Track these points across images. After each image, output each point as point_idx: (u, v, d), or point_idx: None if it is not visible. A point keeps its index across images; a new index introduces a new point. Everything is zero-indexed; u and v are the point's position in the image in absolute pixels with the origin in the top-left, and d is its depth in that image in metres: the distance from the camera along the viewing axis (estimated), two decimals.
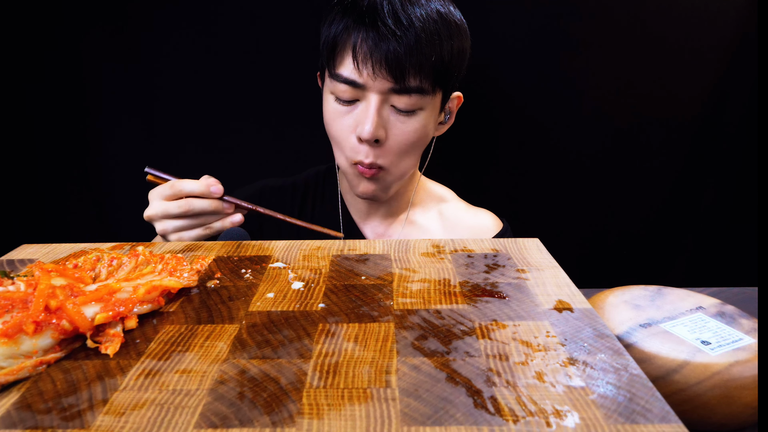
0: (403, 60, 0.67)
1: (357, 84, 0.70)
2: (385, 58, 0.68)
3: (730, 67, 0.96)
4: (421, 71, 0.69)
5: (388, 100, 0.71)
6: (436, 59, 0.70)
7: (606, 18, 0.94)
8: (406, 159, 0.76)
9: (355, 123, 0.73)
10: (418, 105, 0.72)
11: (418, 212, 0.88)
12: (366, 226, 0.88)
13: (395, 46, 0.67)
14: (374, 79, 0.69)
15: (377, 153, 0.73)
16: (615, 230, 1.07)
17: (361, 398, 0.33)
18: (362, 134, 0.71)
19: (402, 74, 0.68)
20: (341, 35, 0.70)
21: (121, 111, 1.01)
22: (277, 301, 0.46)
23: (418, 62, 0.68)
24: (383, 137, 0.72)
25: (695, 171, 1.02)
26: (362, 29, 0.68)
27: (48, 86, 0.98)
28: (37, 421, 0.32)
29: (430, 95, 0.72)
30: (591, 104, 0.99)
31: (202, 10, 0.95)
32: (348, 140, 0.74)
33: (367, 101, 0.71)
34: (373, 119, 0.70)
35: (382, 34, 0.67)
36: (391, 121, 0.72)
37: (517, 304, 0.45)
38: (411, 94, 0.71)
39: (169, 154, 1.03)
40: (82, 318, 0.39)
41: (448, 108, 0.81)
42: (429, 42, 0.68)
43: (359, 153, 0.74)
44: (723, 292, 0.72)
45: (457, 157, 1.04)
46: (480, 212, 0.88)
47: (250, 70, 0.98)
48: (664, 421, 0.31)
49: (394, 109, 0.72)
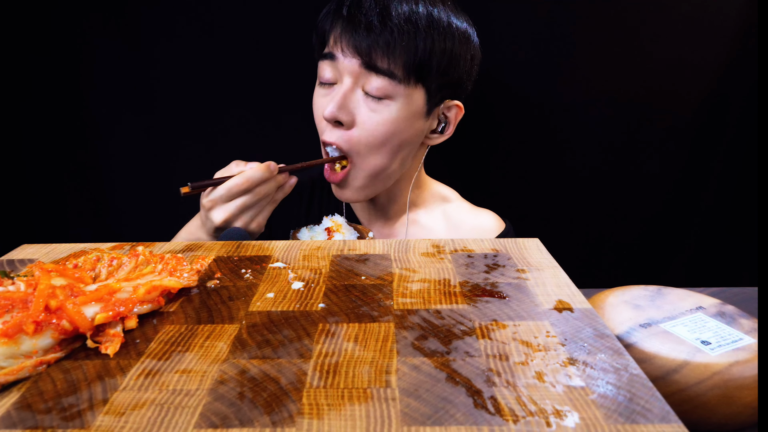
0: (370, 42, 0.70)
1: (332, 56, 0.73)
2: (353, 39, 0.70)
3: (731, 68, 0.96)
4: (389, 53, 0.70)
5: (359, 83, 0.73)
6: (408, 46, 0.70)
7: (608, 21, 0.94)
8: (376, 154, 0.75)
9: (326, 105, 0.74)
10: (387, 91, 0.72)
11: (421, 213, 0.88)
12: (370, 225, 0.89)
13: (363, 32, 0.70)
14: (344, 57, 0.71)
15: (340, 135, 0.74)
16: (615, 230, 1.07)
17: (361, 398, 0.33)
18: (324, 113, 0.73)
19: (368, 52, 0.70)
20: (323, 21, 0.75)
21: (121, 110, 1.01)
22: (277, 301, 0.46)
23: (386, 43, 0.69)
24: (346, 121, 0.73)
25: (695, 171, 1.02)
26: (339, 17, 0.72)
27: (48, 86, 0.98)
28: (37, 421, 0.32)
29: (402, 85, 0.72)
30: (591, 105, 0.99)
31: (202, 8, 0.95)
32: (321, 122, 0.77)
33: (342, 84, 0.74)
34: (337, 99, 0.72)
35: (355, 21, 0.70)
36: (360, 107, 0.73)
37: (517, 304, 0.45)
38: (380, 76, 0.71)
39: (169, 153, 1.03)
40: (82, 318, 0.39)
41: (443, 116, 0.80)
42: (401, 29, 0.70)
43: (325, 133, 0.75)
44: (723, 292, 0.72)
45: (458, 157, 1.04)
46: (483, 213, 0.88)
47: (250, 67, 0.98)
48: (664, 421, 0.31)
49: (364, 95, 0.73)
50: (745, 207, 1.02)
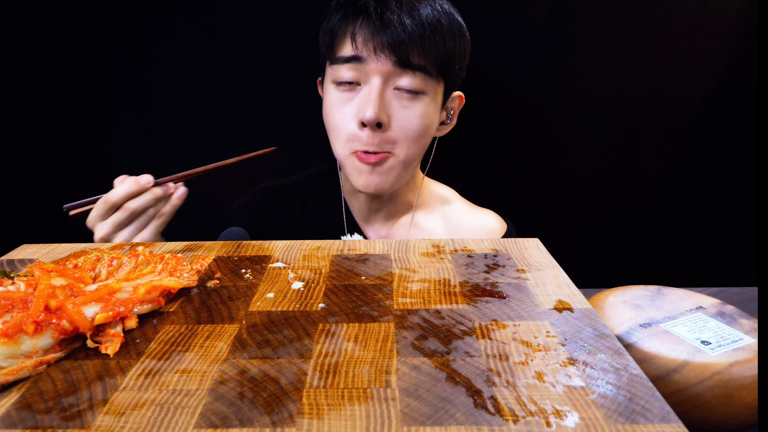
0: (406, 39, 0.68)
1: (358, 59, 0.70)
2: (387, 40, 0.68)
3: (731, 68, 0.96)
4: (425, 51, 0.69)
5: (391, 82, 0.71)
6: (440, 42, 0.70)
7: (608, 21, 0.94)
8: (413, 147, 0.74)
9: (357, 109, 0.72)
10: (422, 87, 0.71)
11: (420, 214, 0.87)
12: (369, 228, 0.87)
13: (399, 30, 0.68)
14: (376, 58, 0.69)
15: (381, 137, 0.72)
16: (615, 230, 1.07)
17: (361, 398, 0.33)
18: (365, 116, 0.70)
19: (406, 50, 0.69)
20: (341, 22, 0.72)
21: (121, 110, 1.01)
22: (277, 301, 0.46)
23: (421, 41, 0.69)
24: (386, 122, 0.71)
25: (695, 171, 1.02)
26: (362, 17, 0.70)
27: (48, 86, 0.98)
28: (37, 421, 0.32)
29: (433, 80, 0.72)
30: (591, 105, 0.99)
31: (203, 8, 0.95)
32: (348, 128, 0.73)
33: (369, 85, 0.71)
34: (375, 101, 0.69)
35: (386, 20, 0.68)
36: (394, 106, 0.72)
37: (517, 304, 0.45)
38: (415, 72, 0.70)
39: (169, 153, 1.03)
40: (82, 318, 0.39)
41: (450, 107, 0.81)
42: (432, 27, 0.69)
43: (359, 140, 0.72)
44: (723, 292, 0.72)
45: (459, 157, 1.04)
46: (484, 213, 0.87)
47: (251, 67, 0.98)
48: (664, 421, 0.31)
49: (397, 93, 0.71)
50: (745, 207, 1.02)
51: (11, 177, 1.02)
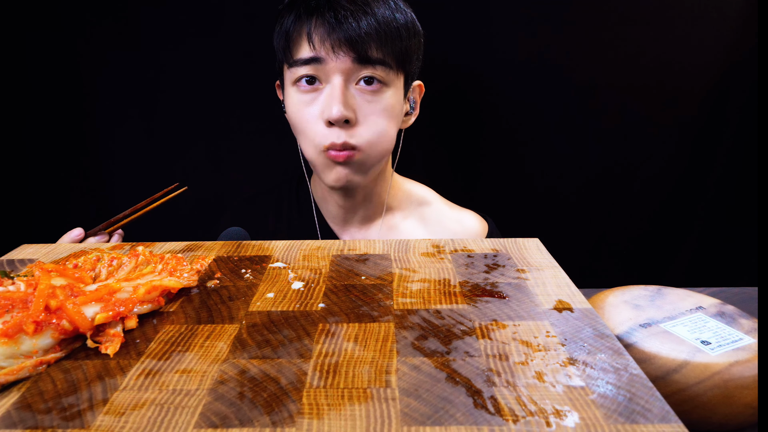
0: (363, 33, 0.68)
1: (317, 60, 0.70)
2: (344, 35, 0.68)
3: (731, 68, 0.96)
4: (383, 43, 0.70)
5: (352, 78, 0.71)
6: (395, 33, 0.70)
7: (607, 21, 0.94)
8: (382, 141, 0.74)
9: (322, 108, 0.71)
10: (384, 79, 0.72)
11: (398, 216, 0.85)
12: (344, 232, 0.85)
13: (354, 26, 0.68)
14: (334, 57, 0.69)
15: (349, 134, 0.72)
16: (615, 230, 1.07)
17: (361, 398, 0.33)
18: (331, 115, 0.69)
19: (363, 45, 0.69)
20: (295, 24, 0.71)
21: (121, 110, 1.01)
22: (277, 301, 0.46)
23: (377, 34, 0.69)
24: (352, 118, 0.71)
25: (695, 171, 1.02)
26: (315, 16, 0.70)
27: (49, 87, 0.98)
28: (37, 421, 0.32)
29: (394, 71, 0.72)
30: (591, 104, 0.99)
31: (205, 10, 0.95)
32: (315, 127, 0.72)
33: (332, 84, 0.71)
34: (339, 98, 0.70)
35: (339, 16, 0.68)
36: (359, 101, 0.72)
37: (517, 304, 0.45)
38: (375, 66, 0.70)
39: (170, 155, 1.03)
40: (82, 318, 0.39)
41: (411, 97, 0.81)
42: (385, 19, 0.70)
43: (329, 136, 0.71)
44: (723, 292, 0.72)
45: (458, 157, 1.03)
46: (463, 213, 0.86)
47: (252, 70, 0.98)
48: (664, 421, 0.31)
49: (359, 88, 0.72)
50: (745, 207, 1.02)
51: (12, 177, 1.02)
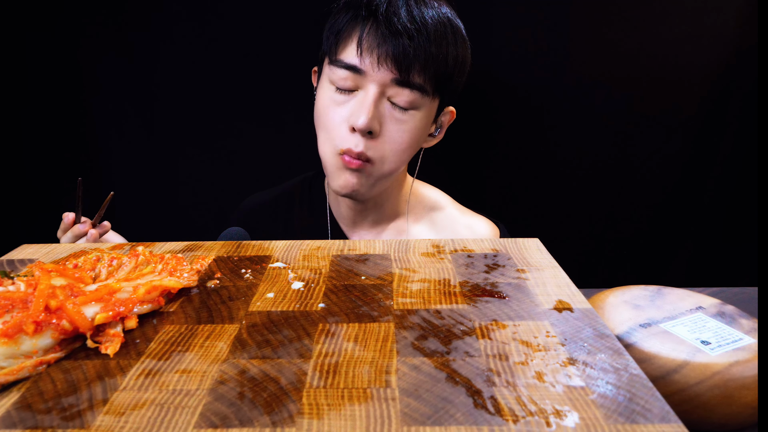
0: (411, 55, 0.68)
1: (358, 70, 0.70)
2: (392, 50, 0.68)
3: (731, 68, 0.96)
4: (426, 70, 0.69)
5: (387, 93, 0.71)
6: (442, 61, 0.70)
7: (608, 21, 0.94)
8: (397, 159, 0.74)
9: (350, 113, 0.71)
10: (417, 104, 0.71)
11: (408, 220, 0.86)
12: (354, 234, 0.86)
13: (405, 41, 0.67)
14: (377, 69, 0.69)
15: (368, 145, 0.72)
16: (615, 230, 1.07)
17: (361, 398, 0.33)
18: (357, 123, 0.70)
19: (408, 68, 0.68)
20: (349, 23, 0.71)
21: (121, 110, 1.01)
22: (277, 301, 0.46)
23: (425, 60, 0.68)
24: (377, 130, 0.71)
25: (695, 171, 1.02)
26: (371, 21, 0.69)
27: (48, 87, 0.98)
28: (37, 421, 0.32)
29: (429, 97, 0.72)
30: (591, 104, 0.99)
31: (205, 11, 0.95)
32: (339, 129, 0.73)
33: (365, 91, 0.71)
34: (369, 110, 0.69)
35: (393, 29, 0.68)
36: (387, 117, 0.72)
37: (517, 304, 0.45)
38: (412, 90, 0.70)
39: (170, 155, 1.03)
40: (82, 318, 0.39)
41: (441, 121, 0.80)
42: (437, 43, 0.69)
43: (348, 142, 0.72)
44: (723, 292, 0.72)
45: (458, 157, 1.03)
46: (475, 219, 0.86)
47: (252, 70, 0.98)
48: (664, 421, 0.31)
49: (391, 105, 0.71)
50: (745, 207, 1.02)
51: (11, 177, 1.02)
